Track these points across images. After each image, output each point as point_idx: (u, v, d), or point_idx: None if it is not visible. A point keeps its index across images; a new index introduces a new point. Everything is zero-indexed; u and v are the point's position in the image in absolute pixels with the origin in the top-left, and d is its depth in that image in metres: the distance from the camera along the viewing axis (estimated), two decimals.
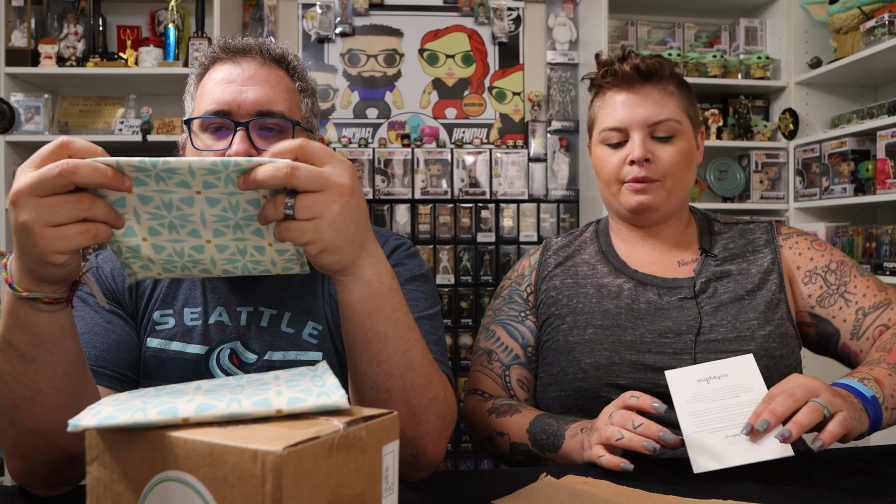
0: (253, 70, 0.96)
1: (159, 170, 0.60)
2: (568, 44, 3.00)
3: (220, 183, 0.62)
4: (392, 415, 0.53)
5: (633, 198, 1.15)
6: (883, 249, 2.41)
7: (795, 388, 0.84)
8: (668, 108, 1.14)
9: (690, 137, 1.17)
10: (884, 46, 2.31)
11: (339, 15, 2.92)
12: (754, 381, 0.89)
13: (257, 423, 0.49)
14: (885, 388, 0.92)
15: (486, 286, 2.88)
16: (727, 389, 0.89)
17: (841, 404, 0.83)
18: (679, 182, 1.15)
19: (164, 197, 0.63)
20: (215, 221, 0.65)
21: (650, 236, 1.21)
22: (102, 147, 0.63)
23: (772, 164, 2.85)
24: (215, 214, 0.65)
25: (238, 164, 0.61)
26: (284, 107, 0.96)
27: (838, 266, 1.15)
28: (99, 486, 0.49)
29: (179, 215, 0.64)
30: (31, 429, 0.72)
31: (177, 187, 0.62)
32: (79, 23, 2.65)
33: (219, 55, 0.99)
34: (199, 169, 0.60)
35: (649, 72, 1.14)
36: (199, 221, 0.65)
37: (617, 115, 1.15)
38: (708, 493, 0.79)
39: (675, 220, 1.21)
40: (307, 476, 0.44)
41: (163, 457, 0.46)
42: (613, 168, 1.16)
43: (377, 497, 0.51)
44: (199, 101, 0.98)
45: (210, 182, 0.62)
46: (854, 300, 1.11)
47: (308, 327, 0.98)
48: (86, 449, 0.50)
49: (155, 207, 0.64)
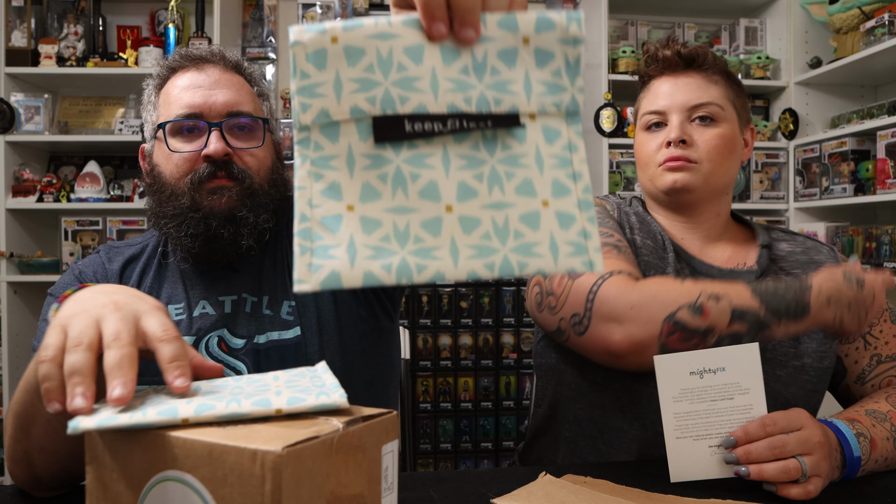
0: (217, 75, 1.02)
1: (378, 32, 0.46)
2: None
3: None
4: (391, 414, 0.53)
5: (668, 177, 1.08)
6: (883, 249, 2.41)
7: (793, 438, 0.79)
8: (711, 93, 1.11)
9: (735, 127, 1.11)
10: (884, 46, 2.31)
11: (339, 15, 2.91)
12: (753, 380, 0.81)
13: (257, 422, 0.49)
14: (874, 451, 0.86)
15: (486, 286, 2.87)
16: (721, 388, 0.82)
17: (823, 470, 0.79)
18: (718, 168, 1.08)
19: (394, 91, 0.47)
20: (463, 167, 0.48)
21: (689, 228, 1.13)
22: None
23: (772, 164, 2.85)
24: (462, 155, 0.48)
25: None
26: (251, 108, 1.02)
27: None
28: (98, 486, 0.49)
29: (413, 157, 0.47)
30: (43, 447, 0.72)
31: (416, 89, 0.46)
32: (79, 23, 2.65)
33: (181, 63, 1.03)
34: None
35: (691, 57, 1.12)
36: (441, 165, 0.47)
37: (659, 101, 1.12)
38: (708, 493, 0.79)
39: (714, 214, 1.13)
40: (306, 476, 0.44)
41: (162, 456, 0.46)
42: (651, 151, 1.12)
43: (377, 497, 0.51)
44: (165, 107, 1.02)
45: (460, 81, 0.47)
46: (875, 344, 1.05)
47: (284, 306, 1.02)
48: (85, 449, 0.50)
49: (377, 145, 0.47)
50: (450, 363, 2.68)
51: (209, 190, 0.97)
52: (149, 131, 1.05)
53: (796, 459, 0.77)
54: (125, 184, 2.67)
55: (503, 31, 0.48)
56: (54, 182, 2.59)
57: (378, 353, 1.07)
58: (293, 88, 0.46)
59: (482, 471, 0.88)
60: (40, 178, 2.62)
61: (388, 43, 0.46)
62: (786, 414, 0.81)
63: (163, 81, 1.04)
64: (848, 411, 0.94)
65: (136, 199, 2.60)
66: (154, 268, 1.05)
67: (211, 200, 0.97)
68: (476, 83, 0.48)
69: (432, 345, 2.68)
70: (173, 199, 0.98)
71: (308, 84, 0.46)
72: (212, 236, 0.97)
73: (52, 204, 2.55)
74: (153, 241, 1.09)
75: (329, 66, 0.46)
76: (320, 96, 0.46)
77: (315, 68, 0.46)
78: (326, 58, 0.46)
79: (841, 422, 0.87)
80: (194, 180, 0.97)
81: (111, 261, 1.05)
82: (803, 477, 0.77)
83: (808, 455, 0.78)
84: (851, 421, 0.88)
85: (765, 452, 0.78)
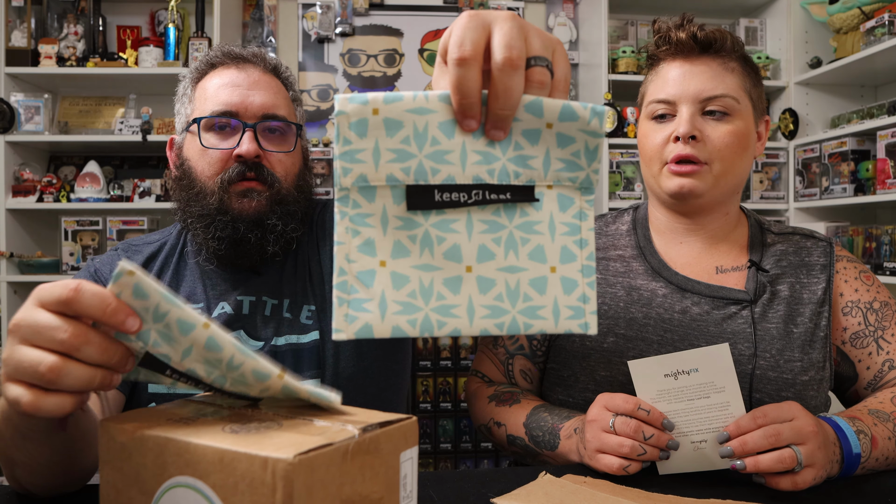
0: (257, 76, 1.01)
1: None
2: (568, 44, 2.99)
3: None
4: (410, 420, 0.51)
5: (674, 181, 1.01)
6: (883, 249, 2.41)
7: (786, 427, 0.78)
8: (726, 84, 1.00)
9: (749, 121, 1.03)
10: (884, 46, 2.31)
11: (339, 15, 2.91)
12: (727, 378, 0.82)
13: (270, 428, 0.48)
14: (875, 449, 0.85)
15: None
16: (697, 388, 0.82)
17: (819, 460, 0.78)
18: (730, 168, 1.01)
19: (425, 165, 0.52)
20: (484, 230, 0.53)
21: (693, 230, 1.07)
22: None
23: (772, 164, 2.86)
24: (484, 220, 0.53)
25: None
26: (286, 112, 1.02)
27: (882, 307, 1.02)
28: (111, 490, 0.49)
29: (440, 222, 0.52)
30: (30, 482, 0.70)
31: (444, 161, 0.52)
32: (79, 23, 2.65)
33: (221, 60, 1.03)
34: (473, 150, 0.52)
35: (708, 42, 1.01)
36: (465, 230, 0.52)
37: (668, 88, 1.02)
38: (707, 494, 0.79)
39: (723, 214, 1.06)
40: (319, 485, 0.44)
41: (174, 462, 0.46)
42: (656, 145, 1.03)
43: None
44: (200, 102, 1.01)
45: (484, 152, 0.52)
46: (887, 349, 1.00)
47: (304, 310, 1.01)
48: (99, 451, 0.50)
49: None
50: (450, 363, 2.68)
51: (238, 192, 0.97)
52: (181, 124, 1.05)
53: (791, 449, 0.77)
54: (125, 184, 2.67)
55: (529, 114, 0.52)
56: (54, 182, 2.59)
57: (393, 359, 1.07)
58: (336, 153, 0.51)
59: (482, 471, 0.88)
60: (40, 178, 2.62)
61: (424, 118, 0.51)
62: (777, 406, 0.81)
63: (200, 76, 1.04)
64: (850, 410, 0.94)
65: (136, 198, 2.60)
66: (173, 266, 1.05)
67: (240, 203, 0.96)
68: (500, 156, 0.52)
69: (432, 345, 2.68)
70: (201, 198, 0.98)
71: (349, 150, 0.51)
72: (239, 240, 0.97)
73: (52, 204, 2.55)
74: (172, 238, 1.08)
75: (369, 135, 0.51)
76: (360, 162, 0.51)
77: (356, 136, 0.51)
78: (367, 127, 0.50)
79: (840, 419, 0.86)
80: (224, 180, 0.96)
81: (129, 260, 1.04)
82: (799, 466, 0.77)
83: (802, 444, 0.77)
84: (852, 419, 0.87)
85: (761, 441, 0.77)
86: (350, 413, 0.52)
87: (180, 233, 1.09)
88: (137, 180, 2.63)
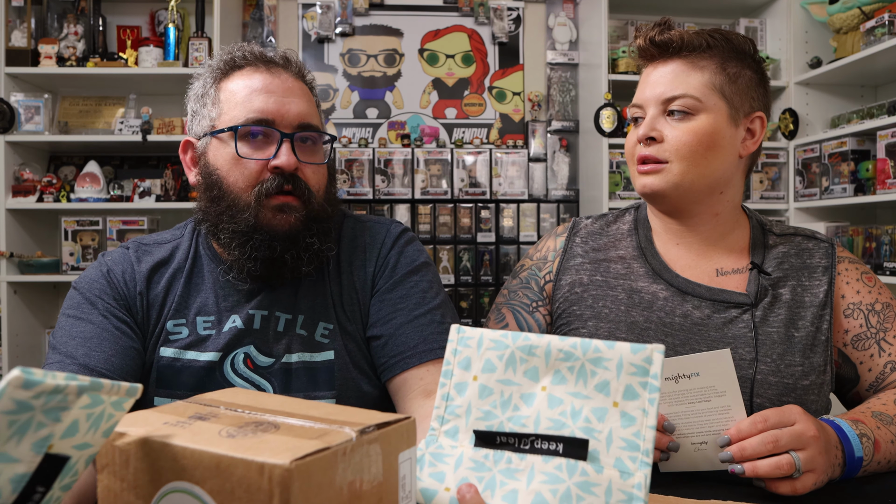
0: (290, 83, 0.97)
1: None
2: (568, 44, 2.99)
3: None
4: (408, 420, 0.51)
5: (639, 180, 1.04)
6: (883, 249, 2.41)
7: (786, 432, 0.78)
8: (687, 84, 1.01)
9: (720, 119, 1.01)
10: (884, 46, 2.31)
11: (339, 15, 2.91)
12: (728, 383, 0.82)
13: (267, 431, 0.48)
14: (878, 453, 0.85)
15: (486, 286, 2.87)
16: (698, 392, 0.83)
17: (820, 465, 0.78)
18: (693, 167, 1.00)
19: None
20: (560, 359, 0.63)
21: (683, 232, 1.07)
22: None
23: (772, 164, 2.85)
24: (562, 350, 0.63)
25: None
26: (318, 121, 0.99)
27: (883, 308, 1.02)
28: (109, 495, 0.49)
29: (524, 346, 0.64)
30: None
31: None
32: (79, 23, 2.65)
33: (248, 61, 0.97)
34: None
35: (665, 44, 1.03)
36: (543, 355, 0.63)
37: (639, 92, 1.07)
38: (708, 494, 0.79)
39: (711, 216, 1.05)
40: (316, 489, 0.44)
41: (171, 467, 0.46)
42: (629, 147, 1.07)
43: None
44: (229, 105, 0.96)
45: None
46: (889, 351, 1.00)
47: (320, 328, 0.98)
48: (97, 457, 0.50)
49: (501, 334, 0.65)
50: None
51: (274, 206, 0.93)
52: (203, 126, 0.98)
53: (789, 455, 0.77)
54: (125, 184, 2.67)
55: (599, 393, 0.61)
56: (54, 182, 2.59)
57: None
58: (436, 404, 0.66)
59: None
60: (40, 178, 2.62)
61: (510, 388, 0.64)
62: (778, 411, 0.81)
63: (223, 75, 0.98)
64: (853, 411, 0.93)
65: (135, 198, 2.60)
66: (186, 274, 1.00)
67: (276, 219, 0.93)
68: (570, 424, 0.61)
69: None
70: (235, 213, 0.93)
71: (450, 405, 0.65)
72: (275, 259, 0.93)
73: (52, 204, 2.55)
74: (185, 241, 1.03)
75: (466, 394, 0.65)
76: (455, 416, 0.65)
77: (457, 393, 0.65)
78: (466, 389, 0.65)
79: (844, 421, 0.86)
80: (260, 193, 0.92)
81: (140, 261, 1.00)
82: (797, 472, 0.77)
83: (802, 450, 0.78)
84: (855, 422, 0.87)
85: (759, 447, 0.78)
86: (349, 413, 0.52)
87: (193, 234, 1.03)
88: (137, 180, 2.64)
